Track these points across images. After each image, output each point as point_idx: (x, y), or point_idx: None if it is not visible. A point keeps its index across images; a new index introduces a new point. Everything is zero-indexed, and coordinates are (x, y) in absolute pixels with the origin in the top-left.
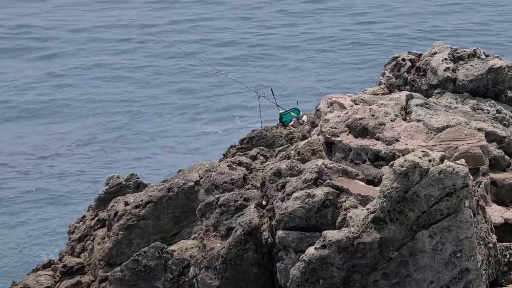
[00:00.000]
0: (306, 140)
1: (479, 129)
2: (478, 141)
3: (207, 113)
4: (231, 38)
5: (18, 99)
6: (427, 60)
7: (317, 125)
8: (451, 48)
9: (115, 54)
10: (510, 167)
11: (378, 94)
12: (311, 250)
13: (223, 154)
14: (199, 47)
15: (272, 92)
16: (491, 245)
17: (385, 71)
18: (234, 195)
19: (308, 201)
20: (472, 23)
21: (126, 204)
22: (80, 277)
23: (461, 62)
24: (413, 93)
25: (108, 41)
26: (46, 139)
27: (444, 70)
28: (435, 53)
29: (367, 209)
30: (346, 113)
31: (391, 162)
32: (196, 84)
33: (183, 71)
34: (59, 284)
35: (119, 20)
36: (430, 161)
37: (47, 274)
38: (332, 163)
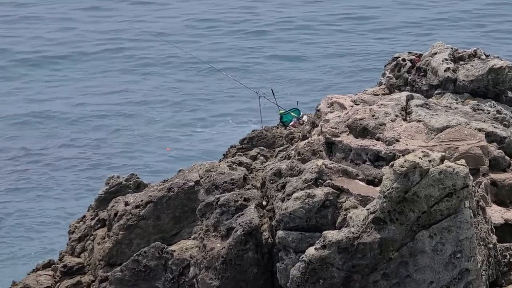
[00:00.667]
0: (306, 140)
1: (479, 130)
2: (478, 142)
3: (207, 113)
4: (230, 38)
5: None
6: (427, 61)
7: (317, 125)
8: (452, 48)
9: (108, 53)
10: (510, 168)
11: (378, 95)
12: (311, 251)
13: (223, 154)
14: (197, 46)
15: (273, 92)
16: (491, 245)
17: (386, 72)
18: (234, 195)
19: (308, 201)
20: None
21: (126, 204)
22: (80, 277)
23: (461, 62)
24: (413, 94)
25: (104, 39)
26: (42, 137)
27: (445, 71)
28: (435, 54)
29: (367, 209)
30: (346, 114)
31: (391, 163)
32: (194, 84)
33: (181, 71)
34: (59, 284)
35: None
36: (430, 161)
37: (47, 274)
38: (332, 163)
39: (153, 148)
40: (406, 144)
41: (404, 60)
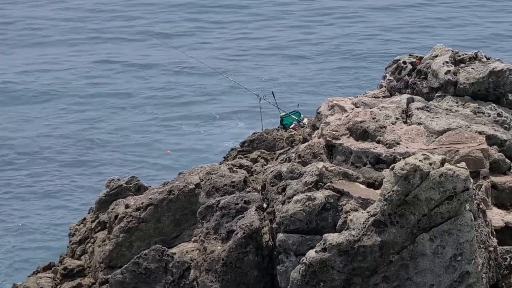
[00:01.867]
0: (306, 143)
1: (480, 133)
2: (479, 144)
3: (206, 114)
4: (229, 39)
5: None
6: (428, 63)
7: (318, 128)
8: (452, 51)
9: (105, 53)
10: (511, 170)
11: (379, 97)
12: (311, 253)
13: (224, 157)
14: (197, 47)
15: (273, 95)
16: (491, 248)
17: (386, 74)
18: (235, 198)
19: (308, 204)
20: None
21: (127, 206)
22: (81, 280)
23: (462, 65)
24: (414, 96)
25: (103, 38)
26: (42, 139)
27: (445, 73)
28: (436, 56)
29: (368, 212)
30: (347, 116)
31: (392, 165)
32: (191, 84)
33: (180, 71)
34: (60, 287)
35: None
36: (430, 164)
37: (47, 277)
38: (333, 166)
39: (153, 149)
40: (407, 147)
41: (404, 62)
